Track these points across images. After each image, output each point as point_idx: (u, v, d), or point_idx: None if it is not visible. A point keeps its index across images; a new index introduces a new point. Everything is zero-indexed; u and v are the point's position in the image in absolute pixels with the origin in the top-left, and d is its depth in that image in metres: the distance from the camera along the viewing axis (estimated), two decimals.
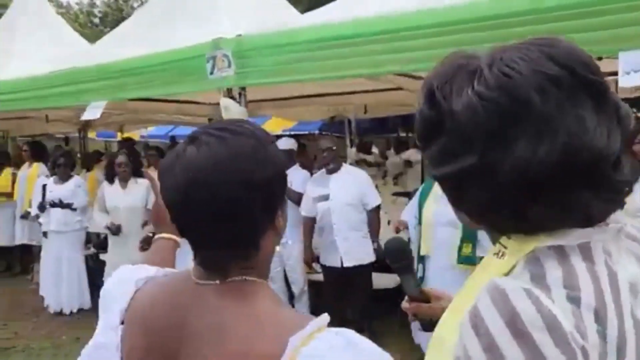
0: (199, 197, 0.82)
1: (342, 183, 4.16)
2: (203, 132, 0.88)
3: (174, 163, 0.85)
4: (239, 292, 0.87)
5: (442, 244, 3.51)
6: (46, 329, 4.87)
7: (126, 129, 13.65)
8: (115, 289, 1.02)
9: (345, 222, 4.04)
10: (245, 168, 0.83)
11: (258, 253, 0.89)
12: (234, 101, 4.37)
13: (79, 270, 5.35)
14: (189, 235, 0.90)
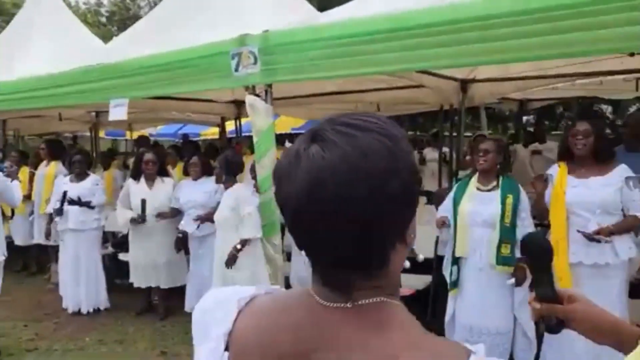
0: (326, 204, 0.71)
1: None
2: (326, 129, 0.75)
3: (294, 165, 0.74)
4: (378, 317, 0.76)
5: (478, 244, 3.43)
6: (67, 330, 4.80)
7: (135, 127, 13.68)
8: (212, 311, 0.89)
9: None
10: (380, 170, 0.71)
11: (389, 269, 0.77)
12: (260, 99, 4.30)
13: (97, 270, 5.30)
14: (310, 248, 0.77)
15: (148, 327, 4.80)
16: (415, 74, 5.54)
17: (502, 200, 3.38)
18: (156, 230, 5.03)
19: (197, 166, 4.86)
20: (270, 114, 4.32)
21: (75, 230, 5.19)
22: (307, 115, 10.64)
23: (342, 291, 0.76)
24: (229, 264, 4.06)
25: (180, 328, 4.74)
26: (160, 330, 4.72)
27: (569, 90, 8.06)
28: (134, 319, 5.02)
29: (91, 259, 5.27)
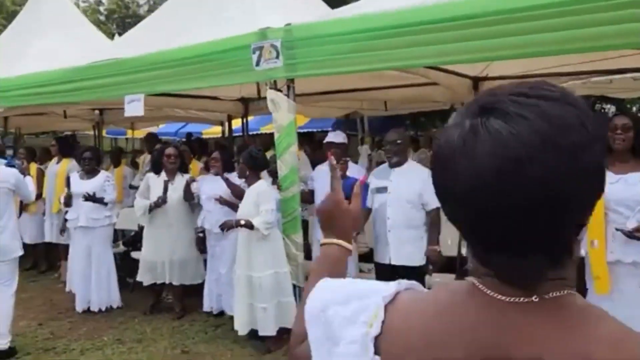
0: (520, 184, 0.62)
1: (403, 178, 3.92)
2: (501, 100, 0.66)
3: (470, 142, 0.65)
4: (569, 312, 0.67)
5: None
6: (83, 329, 4.71)
7: (137, 125, 13.58)
8: (341, 308, 0.78)
9: (399, 219, 3.89)
10: (574, 143, 0.63)
11: (570, 259, 0.69)
12: (282, 94, 4.23)
13: (109, 267, 5.20)
14: (491, 236, 0.67)
15: (165, 326, 4.71)
16: (430, 70, 5.51)
17: None
18: (173, 227, 4.96)
19: (219, 161, 4.78)
20: (292, 109, 4.26)
21: (87, 227, 5.11)
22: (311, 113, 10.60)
23: (526, 284, 0.68)
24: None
25: (199, 327, 4.67)
26: (178, 329, 4.64)
27: (578, 88, 8.05)
28: (150, 318, 4.93)
29: (103, 256, 5.19)
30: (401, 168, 4.02)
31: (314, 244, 4.62)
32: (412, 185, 3.90)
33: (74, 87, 5.33)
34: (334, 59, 3.97)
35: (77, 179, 5.25)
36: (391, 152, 4.02)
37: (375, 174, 4.21)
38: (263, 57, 4.20)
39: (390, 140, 4.04)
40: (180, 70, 4.64)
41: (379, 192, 4.01)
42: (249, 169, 4.16)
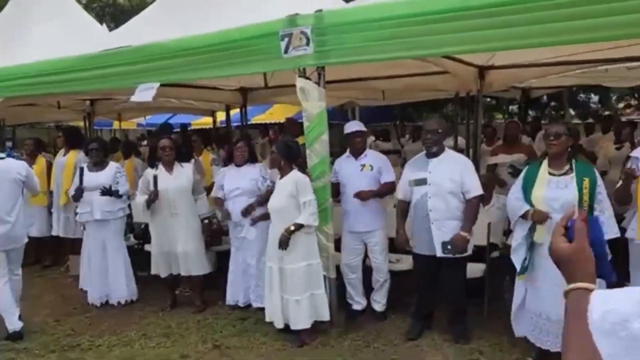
0: None
1: (442, 168, 3.86)
2: None
3: None
4: None
5: None
6: (104, 324, 4.58)
7: (124, 117, 13.31)
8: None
9: (442, 210, 3.84)
10: None
11: None
12: (312, 82, 4.14)
13: (125, 260, 5.08)
14: None
15: (190, 320, 4.60)
16: (440, 58, 5.46)
17: (578, 184, 3.31)
18: (179, 216, 4.79)
19: (245, 151, 4.68)
20: (323, 97, 4.18)
21: (101, 221, 4.96)
22: None
23: None
24: (282, 245, 3.90)
25: (226, 320, 4.57)
26: (204, 322, 4.54)
27: (572, 78, 8.11)
28: (171, 312, 4.82)
29: (119, 249, 5.06)
30: (439, 158, 3.96)
31: (344, 235, 4.54)
32: (452, 174, 3.86)
33: (86, 76, 5.14)
34: (366, 46, 3.90)
35: (87, 172, 5.09)
36: (431, 141, 3.94)
37: (411, 166, 4.13)
38: (292, 44, 4.11)
39: (431, 129, 3.96)
40: (202, 58, 4.50)
41: (418, 184, 3.94)
42: (284, 159, 4.06)
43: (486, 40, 3.58)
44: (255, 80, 7.85)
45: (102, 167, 5.09)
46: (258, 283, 4.63)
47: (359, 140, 4.47)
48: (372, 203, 4.36)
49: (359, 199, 4.27)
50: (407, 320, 4.40)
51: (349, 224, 4.45)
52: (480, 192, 3.90)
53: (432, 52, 3.89)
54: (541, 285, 3.45)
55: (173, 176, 4.77)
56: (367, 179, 4.39)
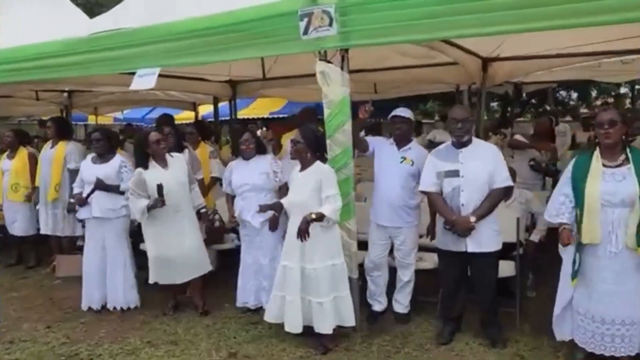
0: None
1: (474, 158, 3.59)
2: None
3: None
4: None
5: (614, 227, 3.09)
6: (102, 331, 4.17)
7: (101, 110, 12.81)
8: None
9: (475, 203, 3.56)
10: None
11: None
12: (335, 66, 3.81)
13: (125, 263, 4.62)
14: None
15: (198, 325, 4.22)
16: (448, 47, 5.22)
17: (638, 175, 3.07)
18: (181, 212, 4.36)
19: (252, 143, 4.32)
20: (346, 83, 3.86)
21: (101, 219, 4.54)
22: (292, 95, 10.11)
23: None
24: (301, 234, 3.54)
25: (237, 324, 4.21)
26: (213, 327, 4.17)
27: (564, 72, 7.98)
28: (175, 316, 4.43)
29: (119, 251, 4.62)
30: (469, 148, 3.67)
31: (371, 232, 4.22)
32: (485, 164, 3.59)
33: (78, 60, 4.73)
34: (395, 26, 3.59)
35: (89, 164, 4.66)
36: (462, 130, 3.64)
37: (438, 156, 3.79)
38: (312, 24, 3.77)
39: (460, 118, 3.65)
40: (211, 40, 4.14)
41: (449, 175, 3.63)
42: (310, 150, 3.73)
43: (526, 20, 3.31)
44: (246, 71, 7.52)
45: (107, 160, 4.66)
46: (272, 284, 4.29)
47: (398, 126, 4.14)
48: (405, 198, 4.06)
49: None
50: (432, 322, 4.12)
51: (377, 216, 4.14)
52: (509, 183, 3.65)
53: (465, 33, 3.58)
54: (595, 286, 3.20)
55: (169, 171, 4.37)
56: (405, 175, 4.06)
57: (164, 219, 4.31)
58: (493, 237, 3.64)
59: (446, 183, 3.64)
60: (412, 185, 4.05)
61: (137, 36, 4.41)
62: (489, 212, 3.60)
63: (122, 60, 4.55)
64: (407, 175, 4.04)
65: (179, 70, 6.75)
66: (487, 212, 3.59)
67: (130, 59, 4.50)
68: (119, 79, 5.75)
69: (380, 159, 4.17)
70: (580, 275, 3.26)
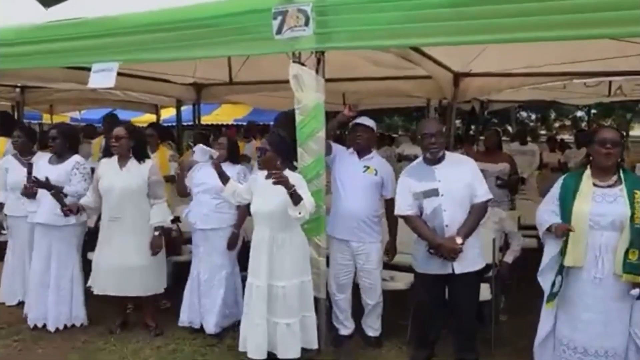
0: None
1: (451, 174, 3.36)
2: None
3: None
4: None
5: (601, 251, 2.90)
6: (38, 350, 3.75)
7: (56, 109, 12.24)
8: None
9: (459, 222, 3.25)
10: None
11: None
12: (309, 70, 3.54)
13: (73, 276, 4.17)
14: None
15: (147, 347, 3.83)
16: (423, 59, 5.06)
17: (629, 197, 2.89)
18: (121, 223, 3.96)
19: (223, 148, 4.00)
20: (321, 87, 3.60)
21: (47, 226, 4.11)
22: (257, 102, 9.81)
23: None
24: (276, 176, 3.15)
25: (192, 347, 3.84)
26: (165, 350, 3.78)
27: (530, 92, 7.98)
28: (122, 336, 4.03)
29: (66, 263, 4.17)
30: (443, 164, 3.43)
31: (332, 248, 3.92)
32: (464, 179, 3.35)
33: (29, 51, 4.31)
34: (376, 30, 3.36)
35: (45, 164, 4.22)
36: (436, 145, 3.38)
37: (412, 175, 3.50)
38: (287, 23, 3.50)
39: (434, 132, 3.38)
40: (177, 35, 3.82)
41: (428, 195, 3.37)
42: (281, 156, 3.42)
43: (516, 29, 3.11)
44: (212, 74, 7.20)
45: (63, 160, 4.24)
46: (205, 302, 4.03)
47: (359, 134, 3.89)
48: (369, 210, 3.81)
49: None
50: (403, 348, 3.86)
51: (337, 230, 3.85)
52: (490, 196, 3.43)
53: (453, 40, 3.34)
54: (579, 315, 2.99)
55: (123, 172, 3.99)
56: (368, 185, 3.82)
57: (104, 223, 4.02)
58: (477, 256, 3.42)
59: (426, 203, 3.38)
60: (377, 196, 3.82)
61: (94, 27, 4.05)
62: (474, 230, 3.38)
63: (77, 53, 4.18)
64: (371, 185, 3.81)
65: (141, 69, 6.41)
66: (472, 230, 3.36)
67: (85, 52, 4.12)
68: (75, 76, 5.38)
69: (340, 168, 3.91)
70: (563, 302, 3.06)
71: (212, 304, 3.99)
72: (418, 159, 3.59)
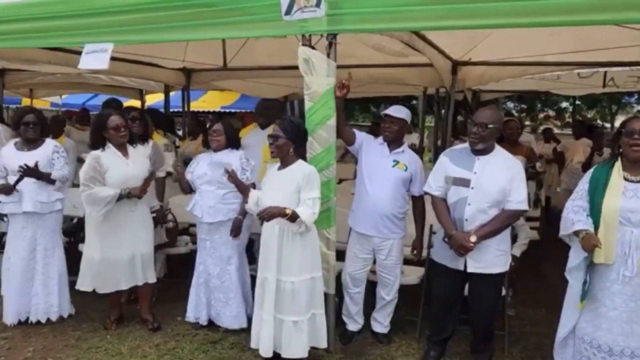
0: None
1: (491, 170, 3.14)
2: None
3: None
4: None
5: (632, 248, 2.77)
6: (29, 348, 3.53)
7: (37, 94, 11.83)
8: None
9: (480, 221, 3.12)
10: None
11: None
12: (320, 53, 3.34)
13: (59, 265, 3.97)
14: None
15: (146, 343, 3.64)
16: (426, 46, 4.91)
17: None
18: (137, 213, 3.80)
19: (220, 135, 3.78)
20: (333, 72, 3.40)
21: (32, 214, 3.87)
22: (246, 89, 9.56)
23: None
24: (264, 214, 3.09)
25: (193, 344, 3.64)
26: (165, 347, 3.59)
27: (524, 82, 7.88)
28: (118, 331, 3.83)
29: (52, 251, 3.97)
30: (487, 157, 3.24)
31: (350, 242, 3.76)
32: (501, 180, 3.14)
33: (11, 29, 4.03)
34: (392, 11, 3.16)
35: (13, 151, 3.96)
36: (477, 136, 3.18)
37: (453, 158, 3.32)
38: (296, 3, 3.29)
39: (479, 122, 3.20)
40: (174, 15, 3.57)
41: (458, 184, 3.20)
42: (294, 144, 3.22)
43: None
44: (204, 59, 6.94)
45: (36, 146, 3.99)
46: (220, 298, 3.82)
47: (387, 127, 3.68)
48: (395, 206, 3.62)
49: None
50: (413, 344, 3.72)
51: (359, 224, 3.68)
52: (524, 207, 3.21)
53: (471, 24, 3.17)
54: (605, 313, 2.87)
55: (130, 161, 3.77)
56: (397, 180, 3.61)
57: (115, 220, 3.71)
58: (499, 258, 3.25)
59: (453, 191, 3.22)
60: (403, 192, 3.63)
61: (84, 4, 3.78)
62: (493, 235, 3.20)
63: (61, 33, 3.89)
64: (400, 181, 3.61)
65: (128, 51, 6.13)
66: (491, 234, 3.18)
67: (71, 32, 3.85)
68: (60, 58, 5.10)
69: (367, 159, 3.71)
70: (587, 299, 2.93)
71: (226, 298, 3.80)
72: (466, 144, 3.38)
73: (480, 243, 3.14)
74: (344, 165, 7.22)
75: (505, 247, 3.27)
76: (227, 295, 3.81)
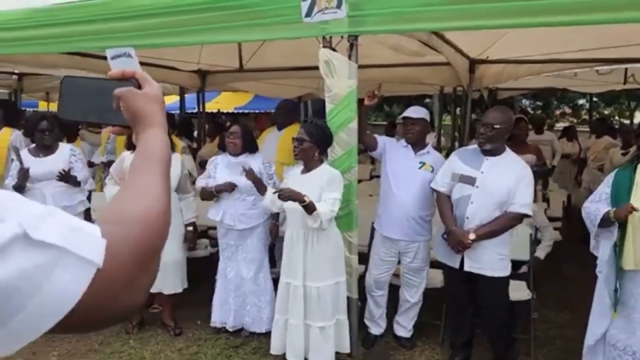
0: None
1: (497, 172, 3.14)
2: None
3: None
4: None
5: None
6: (53, 353, 3.54)
7: (53, 97, 11.91)
8: None
9: (481, 220, 3.13)
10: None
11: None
12: (341, 55, 3.31)
13: None
14: None
15: (168, 348, 3.64)
16: (444, 45, 4.86)
17: None
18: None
19: (238, 137, 3.75)
20: (354, 74, 3.37)
21: None
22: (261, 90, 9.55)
23: None
24: (286, 193, 3.05)
25: (215, 348, 3.63)
26: (187, 352, 3.59)
27: (543, 80, 7.80)
28: (139, 336, 3.83)
29: None
30: (496, 158, 3.22)
31: (374, 245, 3.75)
32: (507, 182, 3.12)
33: (30, 35, 4.04)
34: (415, 12, 3.13)
35: (31, 158, 3.97)
36: (484, 137, 3.18)
37: (462, 156, 3.35)
38: (317, 5, 3.27)
39: (486, 122, 3.20)
40: (196, 18, 3.56)
41: (463, 181, 3.20)
42: (320, 149, 3.20)
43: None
44: (219, 61, 6.93)
45: (51, 152, 4.00)
46: (255, 302, 3.75)
47: (409, 128, 3.66)
48: (422, 209, 3.59)
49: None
50: (436, 349, 3.68)
51: (385, 228, 3.66)
52: (528, 211, 3.17)
53: (492, 24, 3.13)
54: (639, 318, 2.81)
55: None
56: (424, 182, 3.58)
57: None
58: (498, 262, 3.21)
59: (457, 188, 3.22)
60: (429, 194, 3.60)
61: (107, 8, 3.78)
62: (494, 236, 3.16)
63: (87, 38, 3.90)
64: (426, 183, 3.57)
65: (142, 54, 6.14)
66: (491, 234, 3.15)
67: (97, 37, 3.85)
68: (77, 62, 5.13)
69: (392, 163, 3.69)
70: (619, 306, 2.87)
71: (260, 301, 3.76)
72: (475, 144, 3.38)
73: (478, 243, 3.13)
74: (360, 166, 7.20)
75: (504, 252, 3.24)
76: (260, 298, 3.77)
